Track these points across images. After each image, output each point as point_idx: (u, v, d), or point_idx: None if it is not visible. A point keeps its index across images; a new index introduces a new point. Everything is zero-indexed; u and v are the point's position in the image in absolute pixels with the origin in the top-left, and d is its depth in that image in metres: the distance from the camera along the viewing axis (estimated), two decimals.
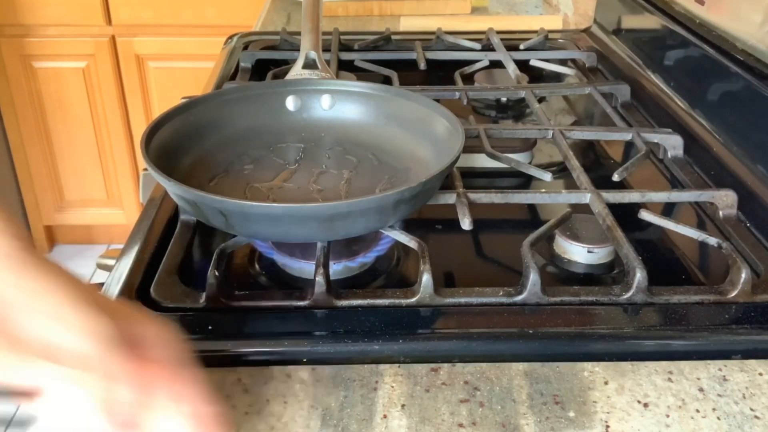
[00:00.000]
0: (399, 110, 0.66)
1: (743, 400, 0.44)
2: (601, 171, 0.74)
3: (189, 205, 0.53)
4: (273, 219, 0.50)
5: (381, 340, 0.47)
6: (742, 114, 0.69)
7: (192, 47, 1.92)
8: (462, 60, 0.98)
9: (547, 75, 0.98)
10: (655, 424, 0.42)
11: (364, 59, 0.97)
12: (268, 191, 0.59)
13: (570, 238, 0.58)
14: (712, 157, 0.70)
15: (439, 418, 0.42)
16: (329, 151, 0.65)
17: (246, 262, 0.58)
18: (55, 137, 2.06)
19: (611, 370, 0.46)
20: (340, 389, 0.45)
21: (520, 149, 0.73)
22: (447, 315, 0.50)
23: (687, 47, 0.81)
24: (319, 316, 0.49)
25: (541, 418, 0.42)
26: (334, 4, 1.31)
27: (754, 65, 0.68)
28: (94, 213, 2.20)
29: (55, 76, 1.98)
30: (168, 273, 0.53)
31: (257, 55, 0.99)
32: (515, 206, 0.65)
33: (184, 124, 0.62)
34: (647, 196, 0.61)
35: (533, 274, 0.50)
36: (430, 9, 1.32)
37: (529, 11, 1.39)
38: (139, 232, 0.59)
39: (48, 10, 1.90)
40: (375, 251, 0.56)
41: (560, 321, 0.49)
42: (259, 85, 0.71)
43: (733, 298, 0.51)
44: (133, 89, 1.99)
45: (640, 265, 0.50)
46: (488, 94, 0.88)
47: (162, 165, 0.53)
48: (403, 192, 0.50)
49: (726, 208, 0.61)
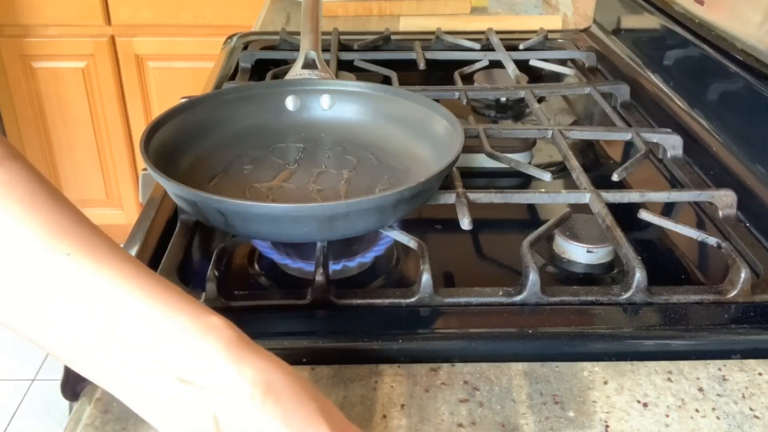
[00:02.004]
0: (398, 110, 0.66)
1: (743, 400, 0.44)
2: (601, 171, 0.74)
3: (188, 205, 0.53)
4: (272, 219, 0.50)
5: (380, 340, 0.47)
6: (742, 114, 0.69)
7: (191, 47, 1.92)
8: (461, 60, 0.98)
9: (547, 75, 0.98)
10: (655, 424, 0.42)
11: (363, 59, 0.97)
12: (268, 191, 0.59)
13: (569, 238, 0.58)
14: (711, 157, 0.70)
15: (439, 418, 0.42)
16: (329, 151, 0.65)
17: (245, 262, 0.58)
18: (55, 137, 2.06)
19: (611, 370, 0.46)
20: (339, 389, 0.45)
21: (520, 149, 0.73)
22: (446, 315, 0.50)
23: (686, 47, 0.81)
24: (318, 316, 0.49)
25: (541, 418, 0.42)
26: (334, 4, 1.31)
27: (753, 65, 0.68)
28: (94, 213, 2.19)
29: (54, 76, 1.98)
30: (168, 273, 0.53)
31: (257, 55, 0.99)
32: (515, 206, 0.65)
33: (183, 124, 0.62)
34: (647, 196, 0.61)
35: (533, 274, 0.50)
36: (429, 9, 1.32)
37: (529, 11, 1.39)
38: (139, 233, 0.59)
39: (47, 10, 1.89)
40: (374, 251, 0.56)
41: (560, 321, 0.49)
42: (259, 85, 0.71)
43: (732, 297, 0.51)
44: (133, 89, 1.99)
45: (639, 264, 0.50)
46: (488, 94, 0.88)
47: (161, 165, 0.53)
48: (402, 192, 0.50)
49: (725, 208, 0.61)
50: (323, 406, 0.34)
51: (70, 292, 0.34)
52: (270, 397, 0.33)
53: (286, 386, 0.34)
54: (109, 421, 0.42)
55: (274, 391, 0.33)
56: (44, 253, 0.34)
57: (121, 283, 0.34)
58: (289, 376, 0.34)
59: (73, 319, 0.34)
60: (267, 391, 0.33)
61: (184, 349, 0.33)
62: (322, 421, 0.34)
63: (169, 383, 0.33)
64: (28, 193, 0.35)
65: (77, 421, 0.42)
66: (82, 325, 0.34)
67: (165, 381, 0.33)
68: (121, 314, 0.34)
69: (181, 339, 0.33)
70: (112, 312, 0.34)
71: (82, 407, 0.43)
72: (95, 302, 0.34)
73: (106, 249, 0.35)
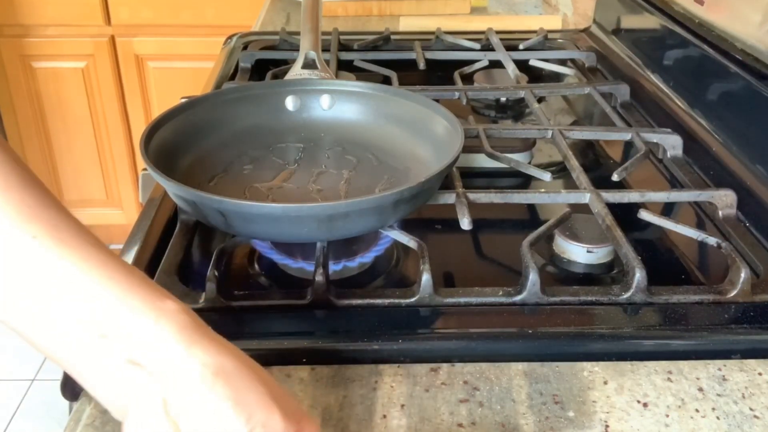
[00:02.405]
0: (398, 110, 0.66)
1: (742, 400, 0.44)
2: (601, 171, 0.74)
3: (188, 205, 0.53)
4: (272, 219, 0.50)
5: (380, 340, 0.47)
6: (742, 114, 0.69)
7: (191, 47, 1.92)
8: (461, 60, 0.98)
9: (547, 75, 0.98)
10: (655, 424, 0.42)
11: (363, 59, 0.97)
12: (268, 191, 0.59)
13: (569, 238, 0.58)
14: (711, 157, 0.70)
15: (439, 418, 0.42)
16: (329, 151, 0.65)
17: (245, 262, 0.58)
18: (55, 137, 2.06)
19: (611, 370, 0.46)
20: (339, 389, 0.45)
21: (520, 149, 0.73)
22: (446, 315, 0.50)
23: (686, 47, 0.81)
24: (318, 316, 0.49)
25: (541, 418, 0.42)
26: (334, 4, 1.31)
27: (753, 65, 0.68)
28: (94, 213, 2.19)
29: (54, 76, 1.97)
30: (167, 273, 0.53)
31: (257, 55, 0.99)
32: (515, 206, 0.65)
33: (183, 124, 0.62)
34: (646, 196, 0.61)
35: (533, 273, 0.50)
36: (429, 9, 1.32)
37: (529, 11, 1.39)
38: (139, 233, 0.59)
39: (47, 10, 1.89)
40: (374, 251, 0.56)
41: (560, 321, 0.49)
42: (259, 85, 0.71)
43: (732, 297, 0.51)
44: (133, 89, 1.99)
45: (639, 264, 0.50)
46: (488, 94, 0.88)
47: (161, 165, 0.53)
48: (402, 192, 0.50)
49: (725, 208, 0.61)
50: (277, 393, 0.34)
51: (33, 274, 0.34)
52: (220, 378, 0.33)
53: (237, 369, 0.34)
54: (109, 421, 0.42)
55: (225, 373, 0.33)
56: (11, 234, 0.34)
57: (81, 265, 0.34)
58: (242, 361, 0.35)
59: (33, 300, 0.34)
60: (217, 372, 0.33)
61: (136, 332, 0.34)
62: (273, 405, 0.33)
63: (120, 365, 0.33)
64: (1, 176, 0.35)
65: (77, 421, 0.43)
66: (41, 305, 0.34)
67: (115, 363, 0.33)
68: (76, 295, 0.34)
69: (132, 322, 0.34)
70: (68, 293, 0.34)
71: (82, 407, 0.43)
72: (55, 283, 0.34)
73: (72, 233, 0.35)
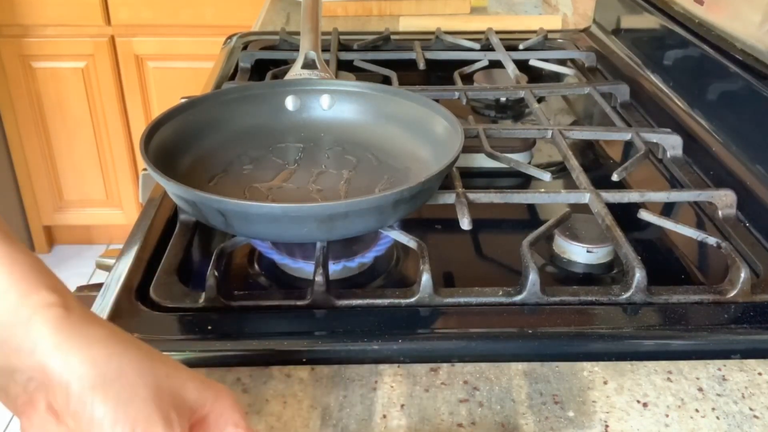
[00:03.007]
0: (398, 110, 0.66)
1: (742, 400, 0.44)
2: (601, 171, 0.74)
3: (188, 205, 0.53)
4: (272, 219, 0.50)
5: (380, 340, 0.47)
6: (741, 114, 0.69)
7: (191, 47, 1.92)
8: (461, 60, 0.98)
9: (547, 75, 0.98)
10: (655, 424, 0.42)
11: (363, 59, 0.97)
12: (268, 191, 0.59)
13: (569, 238, 0.58)
14: (711, 157, 0.70)
15: (439, 418, 0.42)
16: (329, 151, 0.65)
17: (245, 262, 0.58)
18: (54, 137, 2.06)
19: (610, 370, 0.46)
20: (339, 389, 0.45)
21: (520, 149, 0.73)
22: (446, 315, 0.50)
23: (686, 47, 0.81)
24: (318, 316, 0.49)
25: (541, 418, 0.42)
26: (334, 4, 1.31)
27: (753, 65, 0.68)
28: (94, 213, 2.19)
29: (54, 76, 1.98)
30: (167, 273, 0.53)
31: (256, 55, 0.99)
32: (514, 206, 0.65)
33: (183, 124, 0.62)
34: (646, 196, 0.61)
35: (533, 273, 0.50)
36: (429, 9, 1.32)
37: (529, 11, 1.39)
38: (139, 232, 0.59)
39: (47, 10, 1.89)
40: (374, 251, 0.56)
41: (559, 321, 0.49)
42: (259, 85, 0.71)
43: (732, 297, 0.51)
44: (133, 89, 1.99)
45: (639, 264, 0.50)
46: (487, 94, 0.88)
47: (161, 165, 0.53)
48: (402, 192, 0.50)
49: (725, 208, 0.61)
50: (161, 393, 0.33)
51: None
52: (98, 393, 0.31)
53: (119, 377, 0.32)
54: None
55: (103, 386, 0.32)
56: None
57: None
58: (127, 360, 0.33)
59: None
60: (94, 386, 0.31)
61: (10, 336, 0.32)
62: (155, 413, 0.32)
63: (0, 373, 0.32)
64: None
65: None
66: None
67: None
68: None
69: (7, 324, 0.32)
70: None
71: None
72: None
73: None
